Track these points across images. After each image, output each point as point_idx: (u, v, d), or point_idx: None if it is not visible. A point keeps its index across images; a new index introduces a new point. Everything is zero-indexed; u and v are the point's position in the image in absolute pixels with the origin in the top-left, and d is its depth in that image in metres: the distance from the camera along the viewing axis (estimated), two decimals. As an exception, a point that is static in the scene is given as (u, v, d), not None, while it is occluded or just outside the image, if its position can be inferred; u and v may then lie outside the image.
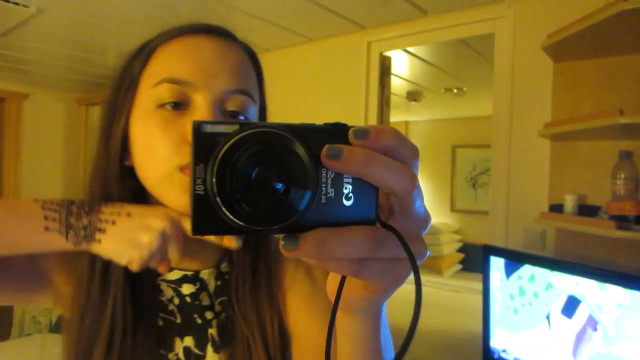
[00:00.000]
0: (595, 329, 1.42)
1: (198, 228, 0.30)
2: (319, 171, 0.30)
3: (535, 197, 2.02)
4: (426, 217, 0.34)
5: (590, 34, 1.55)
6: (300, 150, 0.30)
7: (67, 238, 0.54)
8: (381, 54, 2.65)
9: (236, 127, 0.30)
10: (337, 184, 0.31)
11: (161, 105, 0.57)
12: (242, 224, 0.29)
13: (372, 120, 2.67)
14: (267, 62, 0.72)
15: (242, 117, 0.60)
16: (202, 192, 0.29)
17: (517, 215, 2.11)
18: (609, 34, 1.55)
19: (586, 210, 1.72)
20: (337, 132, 0.31)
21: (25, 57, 3.30)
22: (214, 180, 0.29)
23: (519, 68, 2.10)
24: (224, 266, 0.70)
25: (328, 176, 0.31)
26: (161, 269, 0.58)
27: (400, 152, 0.32)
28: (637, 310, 1.31)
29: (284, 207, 0.29)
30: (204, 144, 0.29)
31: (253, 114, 0.62)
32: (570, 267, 1.54)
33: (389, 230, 0.32)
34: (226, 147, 0.29)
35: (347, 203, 0.31)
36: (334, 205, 0.31)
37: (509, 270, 1.76)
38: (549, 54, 1.84)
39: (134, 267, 0.55)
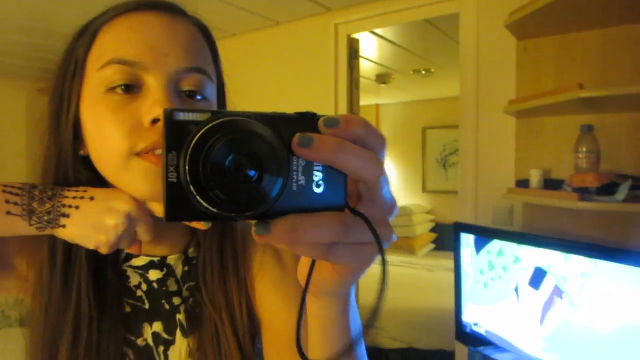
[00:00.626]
0: (561, 298, 1.47)
1: (171, 215, 0.30)
2: (290, 159, 0.31)
3: (503, 174, 2.07)
4: (393, 203, 0.36)
5: (551, 11, 1.58)
6: (272, 138, 0.31)
7: (30, 223, 0.53)
8: (349, 36, 2.64)
9: (208, 115, 0.30)
10: (308, 172, 0.32)
11: (111, 89, 0.54)
12: (215, 210, 0.30)
13: (343, 104, 2.67)
14: (234, 47, 0.70)
15: (199, 97, 0.58)
16: (174, 180, 0.30)
17: (486, 193, 2.16)
18: (570, 11, 1.58)
19: (551, 184, 1.76)
20: (307, 122, 0.32)
21: (-19, 45, 3.17)
22: (187, 168, 0.29)
23: (484, 47, 2.12)
24: (191, 251, 0.69)
25: (299, 164, 0.32)
26: (133, 250, 0.57)
27: (369, 141, 0.33)
28: (600, 278, 1.36)
29: (257, 195, 0.30)
30: (176, 132, 0.30)
31: (211, 93, 0.60)
32: (536, 240, 1.59)
33: (358, 216, 0.33)
34: (199, 135, 0.29)
35: (317, 190, 0.32)
36: (305, 193, 0.32)
37: (479, 246, 1.80)
38: (512, 31, 1.86)
39: (103, 250, 0.54)
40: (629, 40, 1.65)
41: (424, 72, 4.02)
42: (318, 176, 0.32)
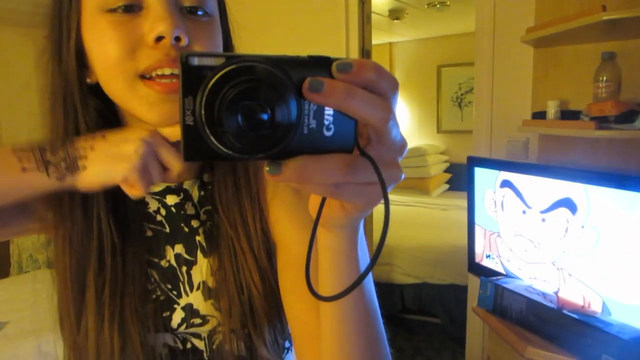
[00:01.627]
0: (579, 228, 1.47)
1: (189, 155, 0.32)
2: (301, 103, 0.32)
3: (518, 108, 2.03)
4: (402, 144, 0.37)
5: None
6: (284, 82, 0.31)
7: (48, 174, 0.51)
8: (360, -33, 2.53)
9: (223, 60, 0.31)
10: (319, 115, 0.33)
11: (111, 10, 0.53)
12: (229, 152, 0.31)
13: (354, 40, 2.60)
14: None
15: (200, 12, 0.57)
16: (191, 123, 0.31)
17: (501, 128, 2.13)
18: None
19: (568, 115, 1.73)
20: (321, 65, 0.33)
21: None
22: (202, 112, 0.31)
23: (502, -26, 2.03)
24: (206, 176, 0.70)
25: (310, 108, 0.33)
26: (169, 178, 0.56)
27: (381, 85, 0.33)
28: (619, 207, 1.35)
29: (268, 137, 0.31)
30: (191, 77, 0.31)
31: (212, 7, 0.59)
32: (553, 171, 1.57)
33: (366, 158, 0.34)
34: (214, 80, 0.31)
35: (327, 133, 0.33)
36: (315, 135, 0.33)
37: (492, 182, 1.80)
38: (532, -46, 1.77)
39: (133, 179, 0.52)
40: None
41: (438, 6, 3.87)
42: (328, 120, 0.33)
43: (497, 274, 1.81)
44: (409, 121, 5.68)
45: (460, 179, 5.14)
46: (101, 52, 0.54)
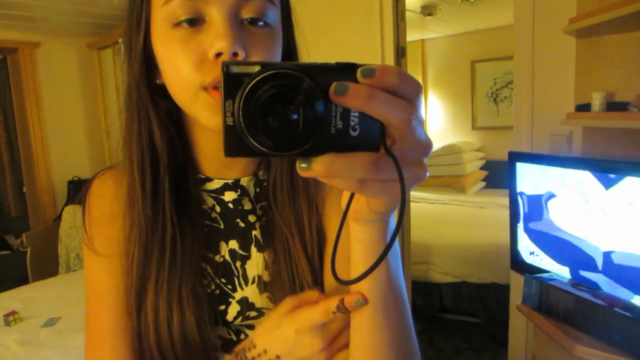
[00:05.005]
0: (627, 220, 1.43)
1: (229, 152, 0.36)
2: (328, 106, 0.36)
3: (560, 102, 1.98)
4: (427, 144, 0.39)
5: None
6: (312, 88, 0.35)
7: None
8: (393, -36, 2.52)
9: (258, 67, 0.35)
10: (345, 117, 0.36)
11: (177, 24, 0.56)
12: (264, 149, 0.35)
13: (389, 38, 2.59)
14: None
15: (261, 23, 0.58)
16: (231, 123, 0.36)
17: (542, 122, 2.08)
18: None
19: (614, 106, 1.67)
20: (347, 71, 0.36)
21: (32, 2, 3.24)
22: (240, 114, 0.35)
23: (541, -36, 1.98)
24: (261, 174, 0.72)
25: (337, 110, 0.36)
26: None
27: (403, 89, 0.36)
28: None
29: (299, 137, 0.35)
30: (231, 83, 0.35)
31: (273, 17, 0.60)
32: (599, 165, 1.52)
33: (389, 156, 0.37)
34: (250, 86, 0.35)
35: (353, 133, 0.37)
36: (342, 135, 0.36)
37: (537, 177, 1.76)
38: (574, -57, 1.72)
39: None
40: None
41: (472, 0, 3.80)
42: (354, 121, 0.36)
43: (541, 271, 1.77)
44: (443, 118, 5.61)
45: (497, 176, 5.04)
46: (170, 66, 0.58)
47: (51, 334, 2.16)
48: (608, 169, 1.47)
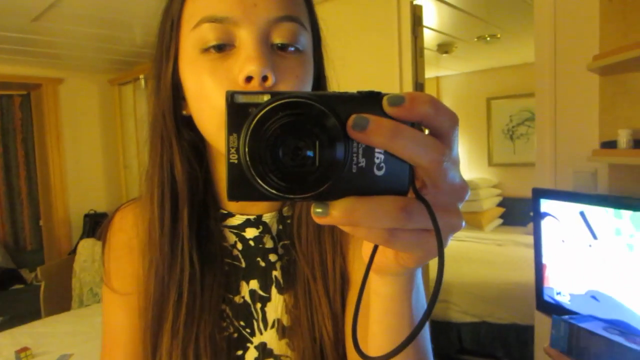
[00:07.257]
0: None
1: (233, 195, 0.31)
2: (348, 141, 0.30)
3: (583, 139, 1.95)
4: (462, 188, 0.33)
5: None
6: (330, 120, 0.30)
7: None
8: (411, 2, 2.56)
9: (268, 96, 0.30)
10: (369, 153, 0.31)
11: (206, 50, 0.54)
12: (274, 192, 0.30)
13: (407, 74, 2.60)
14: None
15: (291, 49, 0.56)
16: (235, 161, 0.30)
17: (565, 159, 2.04)
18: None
19: (641, 144, 1.64)
20: (370, 101, 0.31)
21: (57, 40, 3.35)
22: (246, 150, 0.30)
23: (561, 3, 1.99)
24: (285, 210, 0.69)
25: (359, 146, 0.31)
26: None
27: (437, 121, 0.31)
28: None
29: (315, 177, 0.30)
30: (236, 114, 0.30)
31: (305, 43, 0.58)
32: (627, 203, 1.48)
33: (420, 201, 0.31)
34: (257, 117, 0.30)
35: (378, 173, 0.31)
36: (365, 175, 0.31)
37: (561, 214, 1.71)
38: (595, -18, 1.73)
39: None
40: None
41: (488, 38, 3.84)
42: (379, 158, 0.31)
43: (568, 312, 1.70)
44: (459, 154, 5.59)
45: (514, 213, 4.97)
46: (199, 93, 0.56)
47: (63, 371, 2.11)
48: (633, 207, 1.42)
